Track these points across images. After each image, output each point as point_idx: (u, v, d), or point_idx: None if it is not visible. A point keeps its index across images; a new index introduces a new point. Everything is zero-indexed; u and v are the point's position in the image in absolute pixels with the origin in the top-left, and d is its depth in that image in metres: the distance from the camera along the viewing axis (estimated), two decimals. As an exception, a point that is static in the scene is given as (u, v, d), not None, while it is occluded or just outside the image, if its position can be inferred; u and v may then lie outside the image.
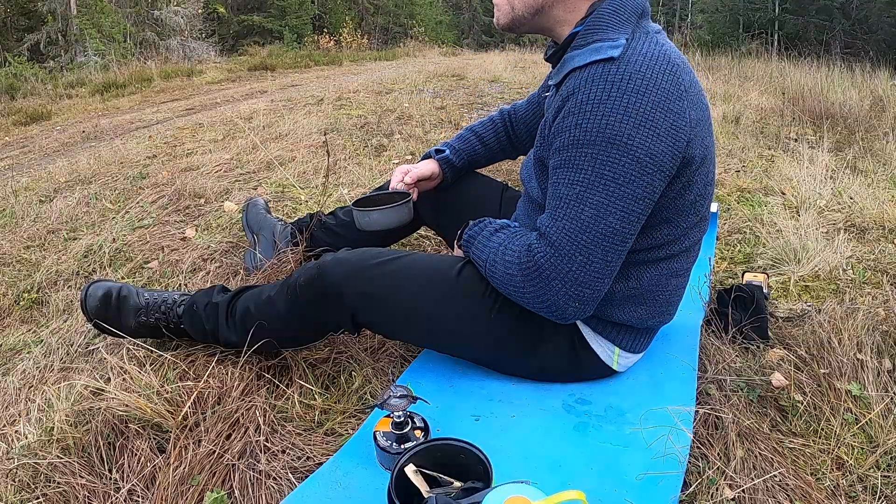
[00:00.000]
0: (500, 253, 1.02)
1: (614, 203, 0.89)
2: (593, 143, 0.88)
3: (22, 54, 10.23)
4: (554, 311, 0.97)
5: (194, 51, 12.81)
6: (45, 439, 1.08)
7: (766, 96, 4.99)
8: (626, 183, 0.88)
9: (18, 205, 2.37)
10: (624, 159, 0.87)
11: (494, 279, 1.03)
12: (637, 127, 0.86)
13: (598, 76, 0.89)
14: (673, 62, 0.90)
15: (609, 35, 0.92)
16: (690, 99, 0.91)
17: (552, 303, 0.95)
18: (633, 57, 0.89)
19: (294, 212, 2.21)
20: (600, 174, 0.88)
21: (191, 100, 5.69)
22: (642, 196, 0.90)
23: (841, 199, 2.32)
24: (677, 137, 0.89)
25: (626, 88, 0.87)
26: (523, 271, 0.96)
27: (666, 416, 1.05)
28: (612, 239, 0.92)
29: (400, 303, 1.11)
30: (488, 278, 1.06)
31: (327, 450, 1.06)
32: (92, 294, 1.28)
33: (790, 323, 1.44)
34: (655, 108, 0.87)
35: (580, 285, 0.93)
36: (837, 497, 0.96)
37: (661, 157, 0.89)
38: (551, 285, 0.94)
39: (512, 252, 1.00)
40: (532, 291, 0.96)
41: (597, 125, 0.87)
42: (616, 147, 0.87)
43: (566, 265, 0.92)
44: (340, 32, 16.43)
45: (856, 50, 13.22)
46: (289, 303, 1.15)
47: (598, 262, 0.93)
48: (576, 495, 0.70)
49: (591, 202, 0.90)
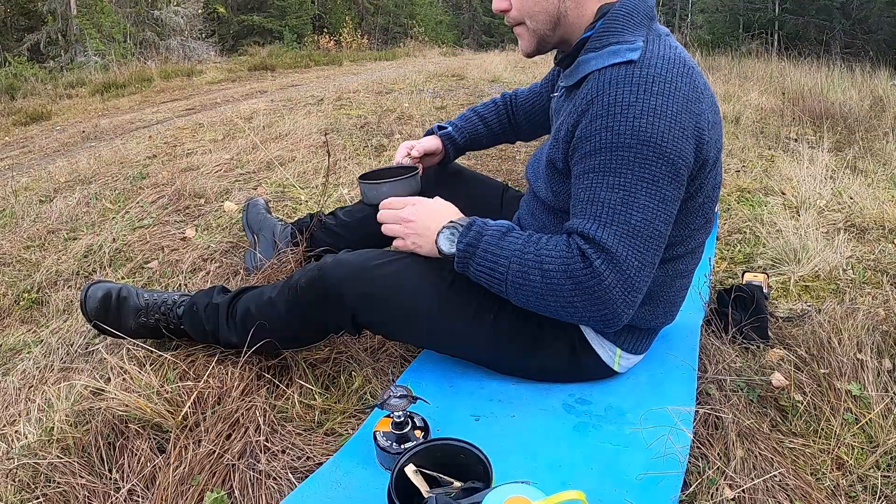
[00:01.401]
0: (531, 262, 0.94)
1: (658, 206, 0.89)
2: (629, 147, 0.87)
3: (22, 54, 10.24)
4: (609, 318, 0.92)
5: (194, 51, 12.82)
6: (45, 439, 1.08)
7: (766, 96, 4.99)
8: (665, 185, 0.89)
9: (18, 205, 2.37)
10: (660, 161, 0.87)
11: (525, 290, 0.95)
12: (668, 129, 0.87)
13: (621, 78, 0.89)
14: (688, 65, 0.91)
15: (625, 38, 0.93)
16: (706, 101, 0.92)
17: (609, 311, 0.91)
18: (652, 60, 0.89)
19: (294, 212, 2.21)
20: (641, 177, 0.88)
21: (191, 100, 5.69)
22: (676, 197, 0.91)
23: (841, 199, 2.32)
24: (700, 138, 0.90)
25: (653, 91, 0.87)
26: (576, 281, 0.90)
27: (666, 416, 1.05)
28: (658, 241, 0.91)
29: (400, 303, 1.11)
30: (510, 289, 0.97)
31: (327, 450, 1.06)
32: (92, 295, 1.28)
33: (790, 323, 1.44)
34: (681, 109, 0.87)
35: (635, 290, 0.91)
36: (837, 497, 0.96)
37: (689, 158, 0.90)
38: (611, 293, 0.89)
39: (554, 260, 0.92)
40: (586, 301, 0.91)
41: (629, 127, 0.87)
42: (651, 149, 0.87)
43: (625, 272, 0.89)
44: (340, 32, 16.43)
45: (856, 50, 13.22)
46: (289, 303, 1.15)
47: (649, 266, 0.92)
48: (576, 495, 0.70)
49: (638, 206, 0.88)
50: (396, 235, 1.11)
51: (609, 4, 0.97)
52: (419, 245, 1.08)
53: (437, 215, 1.07)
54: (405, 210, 1.09)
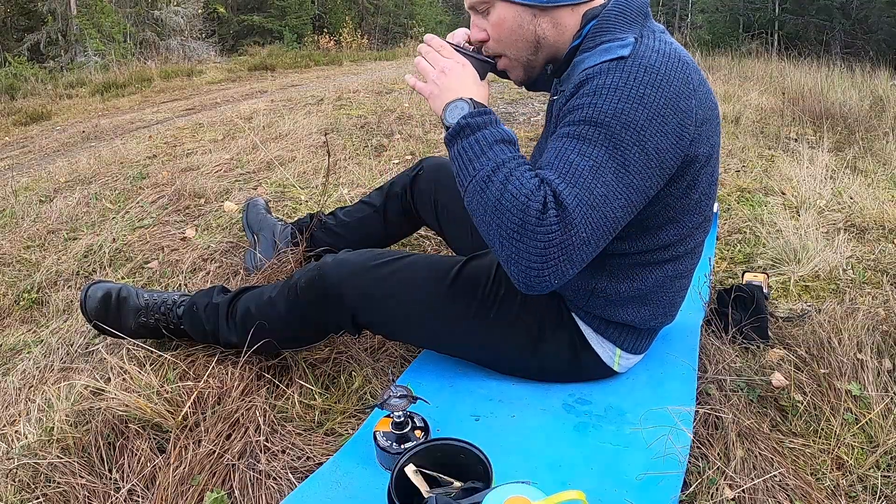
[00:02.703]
0: (500, 178, 0.88)
1: (622, 190, 0.87)
2: (608, 126, 0.86)
3: (22, 54, 10.23)
4: (531, 276, 0.87)
5: (194, 51, 12.81)
6: (45, 439, 1.08)
7: (766, 96, 4.98)
8: (634, 172, 0.87)
9: (18, 205, 2.37)
10: (635, 148, 0.86)
11: (478, 199, 0.89)
12: (649, 120, 0.86)
13: (613, 67, 0.88)
14: (683, 60, 0.91)
15: (616, 35, 0.93)
16: (699, 97, 0.91)
17: (536, 268, 0.86)
18: (645, 53, 0.89)
19: (294, 212, 2.21)
20: (612, 156, 0.86)
21: (191, 100, 5.69)
22: (643, 189, 0.89)
23: (841, 199, 2.31)
24: (682, 136, 0.89)
25: (642, 80, 0.86)
26: (525, 221, 0.85)
27: (666, 416, 1.05)
28: (612, 225, 0.88)
29: (400, 303, 1.11)
30: (469, 189, 0.92)
31: (327, 450, 1.06)
32: (92, 295, 1.28)
33: (790, 323, 1.44)
34: (666, 104, 0.87)
35: (570, 262, 0.87)
36: (837, 497, 0.96)
37: (665, 155, 0.88)
38: (548, 251, 0.85)
39: (518, 190, 0.86)
40: (521, 244, 0.86)
41: (612, 109, 0.86)
42: (629, 133, 0.86)
43: (571, 239, 0.85)
44: (340, 32, 16.41)
45: (856, 50, 13.21)
46: (289, 303, 1.15)
47: (593, 245, 0.88)
48: (576, 495, 0.70)
49: (603, 181, 0.86)
50: (424, 74, 1.03)
51: (596, 7, 0.97)
52: (434, 97, 1.00)
53: (467, 87, 0.99)
54: (449, 63, 1.01)
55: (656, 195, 0.94)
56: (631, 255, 1.02)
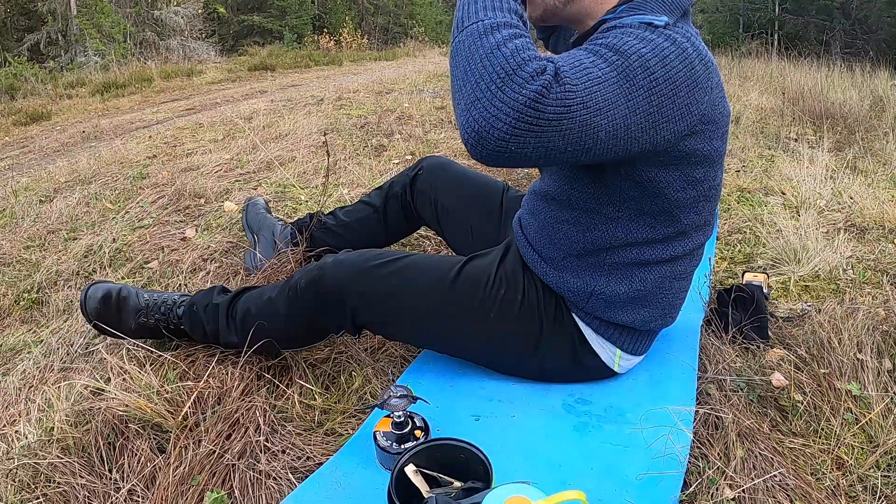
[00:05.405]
0: (509, 35, 0.81)
1: (613, 113, 0.81)
2: (628, 59, 0.83)
3: (22, 54, 10.23)
4: (488, 124, 0.77)
5: (194, 51, 12.81)
6: (45, 439, 1.08)
7: (766, 96, 4.98)
8: (632, 110, 0.83)
9: (18, 205, 2.37)
10: (643, 91, 0.83)
11: (477, 46, 0.81)
12: (665, 80, 0.84)
13: (644, 27, 0.87)
14: (709, 58, 0.90)
15: (650, 14, 0.91)
16: (712, 98, 0.91)
17: (504, 119, 0.76)
18: (676, 34, 0.87)
19: (294, 212, 2.21)
20: (620, 84, 0.82)
21: (191, 100, 5.69)
22: (630, 133, 0.84)
23: (841, 199, 2.32)
24: (684, 117, 0.87)
25: (668, 49, 0.85)
26: (530, 76, 0.77)
27: (666, 416, 1.05)
28: (588, 137, 0.81)
29: (400, 303, 1.11)
30: (468, 31, 0.84)
31: (327, 450, 1.06)
32: (91, 295, 1.28)
33: (790, 323, 1.44)
34: (684, 80, 0.85)
35: (533, 135, 0.77)
36: (837, 497, 0.96)
37: (662, 121, 0.86)
38: (526, 110, 0.76)
39: (526, 51, 0.79)
40: (507, 95, 0.76)
41: (637, 50, 0.83)
42: (644, 78, 0.83)
43: (551, 112, 0.77)
44: (340, 32, 16.41)
45: (856, 50, 13.21)
46: (289, 304, 1.15)
47: (562, 139, 0.79)
48: (576, 495, 0.70)
49: (603, 95, 0.81)
50: None
51: None
52: None
53: None
54: None
55: (648, 177, 0.93)
56: (626, 249, 1.02)
